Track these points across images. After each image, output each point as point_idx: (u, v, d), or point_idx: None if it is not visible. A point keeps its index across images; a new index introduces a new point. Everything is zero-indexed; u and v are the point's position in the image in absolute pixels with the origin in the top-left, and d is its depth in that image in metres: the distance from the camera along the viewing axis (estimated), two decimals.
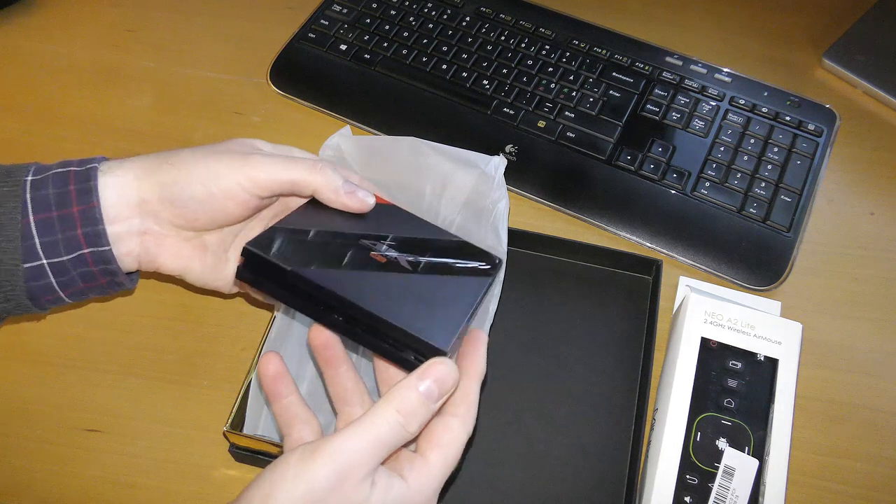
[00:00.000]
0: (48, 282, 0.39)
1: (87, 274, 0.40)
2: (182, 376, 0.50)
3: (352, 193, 0.41)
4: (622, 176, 0.57)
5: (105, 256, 0.39)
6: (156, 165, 0.40)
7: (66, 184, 0.38)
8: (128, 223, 0.40)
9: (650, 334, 0.49)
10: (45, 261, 0.38)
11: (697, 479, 0.42)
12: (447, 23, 0.65)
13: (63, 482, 0.46)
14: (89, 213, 0.38)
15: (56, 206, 0.38)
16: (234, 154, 0.40)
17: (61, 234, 0.38)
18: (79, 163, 0.39)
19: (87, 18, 0.69)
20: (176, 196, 0.39)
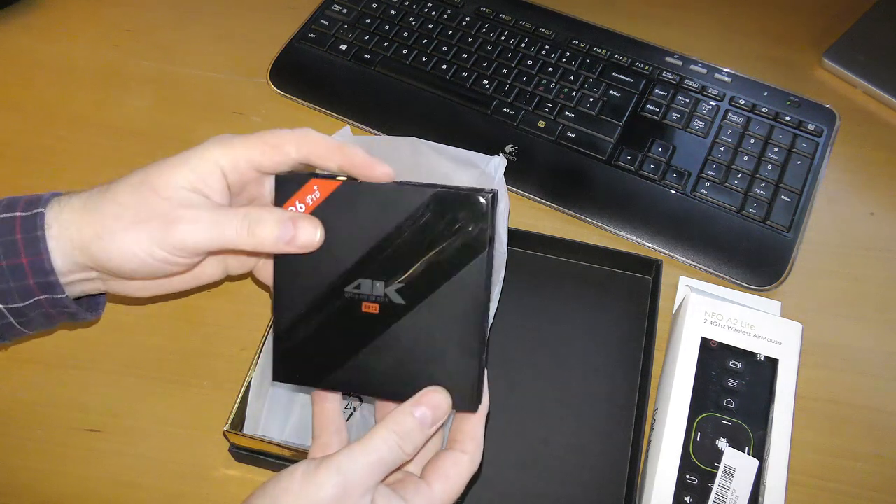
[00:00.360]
0: (8, 322, 0.39)
1: (46, 314, 0.39)
2: (182, 376, 0.50)
3: (292, 241, 0.37)
4: (622, 176, 0.57)
5: (61, 302, 0.38)
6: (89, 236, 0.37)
7: (12, 231, 0.37)
8: (82, 274, 0.39)
9: (650, 334, 0.49)
10: (2, 306, 0.38)
11: (697, 479, 0.42)
12: (447, 23, 0.65)
13: (63, 482, 0.46)
14: (38, 265, 0.37)
15: (4, 255, 0.37)
16: (160, 219, 0.36)
17: (13, 283, 0.37)
18: (25, 205, 0.38)
19: (87, 18, 0.69)
20: (114, 269, 0.38)
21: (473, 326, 0.37)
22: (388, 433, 0.35)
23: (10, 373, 0.50)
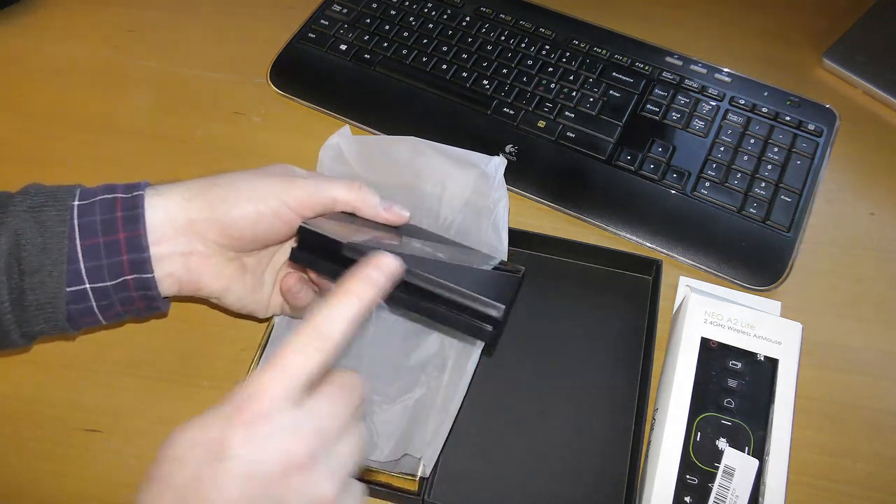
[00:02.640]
0: (89, 305, 0.40)
1: (126, 299, 0.41)
2: (182, 376, 0.50)
3: (389, 208, 0.44)
4: (622, 176, 0.57)
5: (147, 283, 0.40)
6: (203, 187, 0.41)
7: (112, 210, 0.39)
8: (173, 243, 0.40)
9: (650, 334, 0.49)
10: (88, 285, 0.39)
11: (697, 479, 0.42)
12: (447, 23, 0.65)
13: (63, 482, 0.46)
14: (135, 241, 0.39)
15: (102, 232, 0.39)
16: (278, 176, 0.42)
17: (106, 259, 0.39)
18: (125, 188, 0.40)
19: (87, 18, 0.69)
20: (225, 214, 0.40)
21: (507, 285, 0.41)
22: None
23: (10, 373, 0.50)
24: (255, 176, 0.42)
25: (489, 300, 0.36)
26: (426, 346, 0.48)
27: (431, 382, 0.47)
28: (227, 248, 0.42)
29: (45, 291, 0.38)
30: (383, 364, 0.48)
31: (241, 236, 0.41)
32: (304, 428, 0.31)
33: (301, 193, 0.41)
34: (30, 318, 0.39)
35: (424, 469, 0.41)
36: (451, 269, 0.40)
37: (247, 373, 0.46)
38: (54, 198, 0.39)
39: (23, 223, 0.38)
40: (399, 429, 0.46)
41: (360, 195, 0.43)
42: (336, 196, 0.42)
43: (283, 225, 0.42)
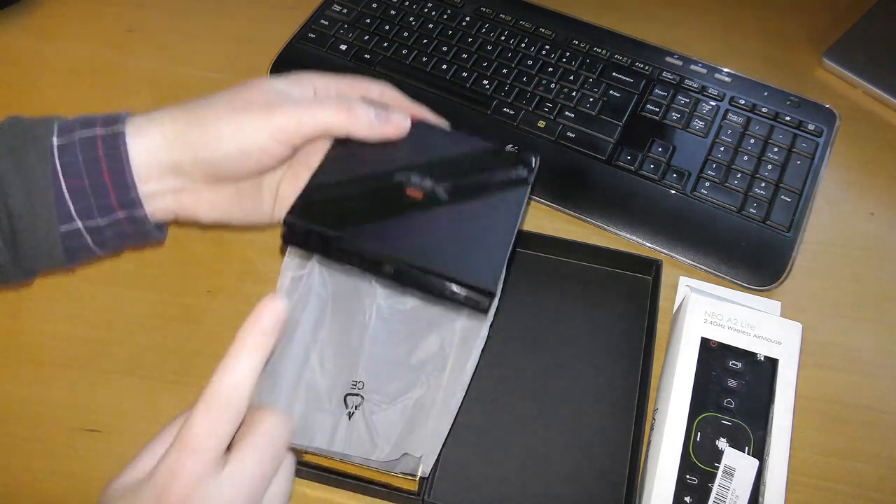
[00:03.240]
0: (84, 242, 0.39)
1: (121, 233, 0.40)
2: (182, 376, 0.50)
3: (386, 121, 0.41)
4: (622, 176, 0.57)
5: (139, 219, 0.39)
6: (185, 125, 0.39)
7: (94, 149, 0.38)
8: (161, 182, 0.39)
9: (650, 334, 0.49)
10: (80, 224, 0.38)
11: (697, 479, 0.42)
12: (447, 23, 0.65)
13: (63, 482, 0.46)
14: (121, 181, 0.38)
15: (87, 174, 0.38)
16: (262, 106, 0.39)
17: (94, 200, 0.38)
18: (103, 123, 0.39)
19: (86, 18, 0.69)
20: (208, 157, 0.39)
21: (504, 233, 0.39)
22: None
23: (10, 373, 0.50)
24: (236, 110, 0.39)
25: (476, 285, 0.36)
26: (426, 346, 0.48)
27: (431, 382, 0.47)
28: (217, 183, 0.41)
29: (38, 233, 0.38)
30: (383, 363, 0.48)
31: (228, 173, 0.40)
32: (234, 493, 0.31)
33: (285, 123, 0.39)
34: (26, 256, 0.38)
35: (424, 469, 0.41)
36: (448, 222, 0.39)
37: None
38: (33, 136, 0.38)
39: (3, 164, 0.37)
40: (399, 428, 0.46)
41: (351, 116, 0.39)
42: (325, 122, 0.39)
43: (272, 158, 0.40)
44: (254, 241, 0.56)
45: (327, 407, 0.47)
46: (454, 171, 0.42)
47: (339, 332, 0.49)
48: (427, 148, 0.42)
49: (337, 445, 0.46)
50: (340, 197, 0.39)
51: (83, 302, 0.53)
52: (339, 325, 0.50)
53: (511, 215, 0.40)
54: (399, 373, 0.48)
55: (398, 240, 0.38)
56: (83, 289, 0.53)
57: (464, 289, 0.37)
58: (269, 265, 0.54)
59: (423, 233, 0.39)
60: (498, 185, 0.42)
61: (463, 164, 0.42)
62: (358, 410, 0.47)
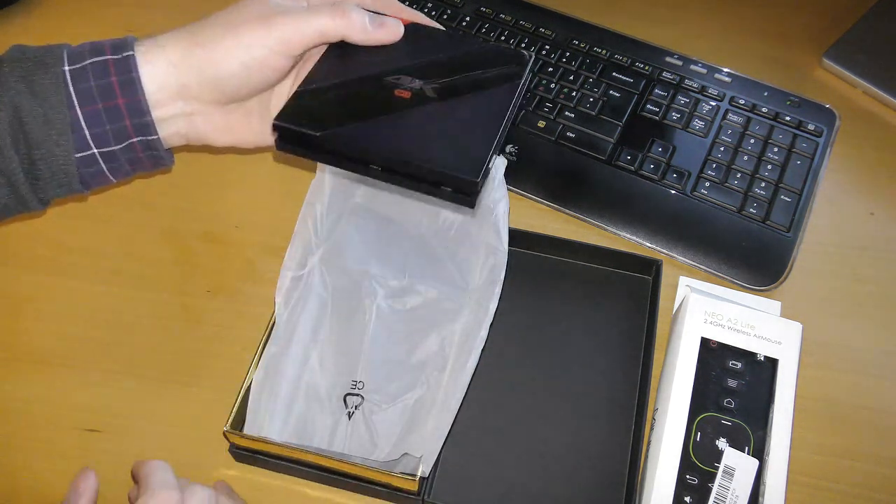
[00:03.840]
0: (99, 168, 0.40)
1: (134, 159, 0.41)
2: (182, 376, 0.50)
3: (380, 26, 0.42)
4: (622, 176, 0.57)
5: (153, 144, 0.41)
6: (187, 47, 0.40)
7: (106, 74, 0.39)
8: (172, 107, 0.40)
9: (650, 334, 0.49)
10: (95, 150, 0.39)
11: (697, 479, 0.42)
12: (447, 23, 0.65)
13: (63, 482, 0.46)
14: (135, 105, 0.39)
15: (101, 98, 0.39)
16: (259, 18, 0.40)
17: (109, 125, 0.39)
18: (112, 48, 0.39)
19: (87, 18, 0.69)
20: (213, 75, 0.40)
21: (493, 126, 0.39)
22: None
23: (10, 373, 0.50)
24: (236, 26, 0.40)
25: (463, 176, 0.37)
26: (426, 346, 0.48)
27: (431, 382, 0.47)
28: (225, 103, 0.42)
29: (55, 161, 0.38)
30: (383, 363, 0.48)
31: (234, 91, 0.41)
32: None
33: (284, 33, 0.40)
34: (44, 185, 0.39)
35: (424, 469, 0.41)
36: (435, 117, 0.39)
37: (246, 373, 0.46)
38: (42, 63, 0.38)
39: (18, 95, 0.38)
40: (399, 428, 0.46)
41: (346, 20, 0.41)
42: (321, 28, 0.40)
43: (274, 71, 0.41)
44: (254, 241, 0.56)
45: (327, 407, 0.47)
46: (445, 71, 0.42)
47: (339, 332, 0.49)
48: (419, 50, 0.43)
49: (337, 445, 0.46)
50: (330, 99, 0.40)
51: (83, 302, 0.53)
52: (339, 325, 0.50)
53: (502, 109, 0.40)
54: (399, 373, 0.48)
55: (385, 138, 0.38)
56: (83, 289, 0.53)
57: (449, 180, 0.37)
58: (269, 265, 0.54)
59: (410, 130, 0.39)
60: (489, 81, 0.42)
61: (454, 64, 0.42)
62: (358, 410, 0.47)
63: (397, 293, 0.51)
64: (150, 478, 0.38)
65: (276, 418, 0.46)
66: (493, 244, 0.46)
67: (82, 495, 0.40)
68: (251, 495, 0.45)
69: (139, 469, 0.40)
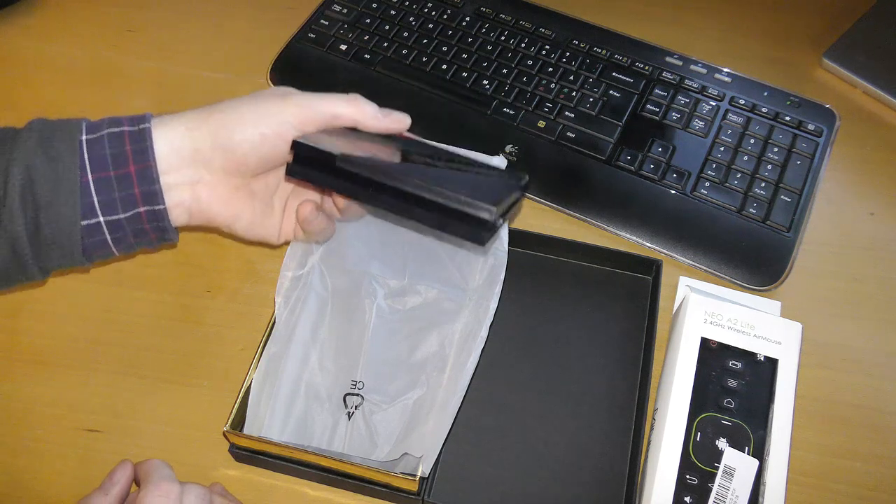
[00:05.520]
0: (103, 238, 0.40)
1: (139, 230, 0.41)
2: (182, 376, 0.50)
3: (389, 115, 0.44)
4: (622, 176, 0.57)
5: (159, 214, 0.41)
6: (205, 115, 0.42)
7: (121, 144, 0.40)
8: (180, 174, 0.41)
9: (650, 334, 0.49)
10: (102, 218, 0.40)
11: (697, 479, 0.42)
12: (447, 23, 0.65)
13: (63, 482, 0.46)
14: (146, 173, 0.40)
15: (113, 165, 0.39)
16: (276, 97, 0.42)
17: (118, 192, 0.40)
18: (130, 121, 0.41)
19: (87, 18, 0.69)
20: (228, 139, 0.41)
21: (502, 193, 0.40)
22: None
23: (11, 373, 0.50)
24: (255, 99, 0.42)
25: (481, 203, 0.36)
26: (426, 346, 0.48)
27: (431, 382, 0.47)
28: (233, 174, 0.42)
29: (60, 225, 0.39)
30: (383, 363, 0.48)
31: (245, 160, 0.42)
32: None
33: (300, 110, 0.42)
34: (46, 251, 0.40)
35: (424, 469, 0.41)
36: (447, 174, 0.40)
37: (247, 373, 0.46)
38: (62, 131, 0.40)
39: (34, 157, 0.38)
40: (399, 428, 0.46)
41: (359, 107, 0.43)
42: (336, 110, 0.42)
43: (286, 144, 0.42)
44: None
45: (327, 407, 0.47)
46: (451, 159, 0.44)
47: (339, 332, 0.49)
48: (425, 145, 0.46)
49: (337, 445, 0.46)
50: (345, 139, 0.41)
51: (83, 302, 0.53)
52: (339, 325, 0.50)
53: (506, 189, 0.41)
54: (399, 373, 0.48)
55: (402, 169, 0.39)
56: (83, 289, 0.53)
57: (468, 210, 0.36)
58: (269, 265, 0.54)
59: (426, 170, 0.40)
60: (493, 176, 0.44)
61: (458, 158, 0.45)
62: (358, 410, 0.47)
63: (397, 293, 0.51)
64: (151, 473, 0.39)
65: (276, 418, 0.46)
66: (493, 244, 0.46)
67: (116, 483, 0.41)
68: (251, 495, 0.45)
69: (140, 468, 0.41)
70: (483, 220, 0.36)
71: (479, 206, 0.36)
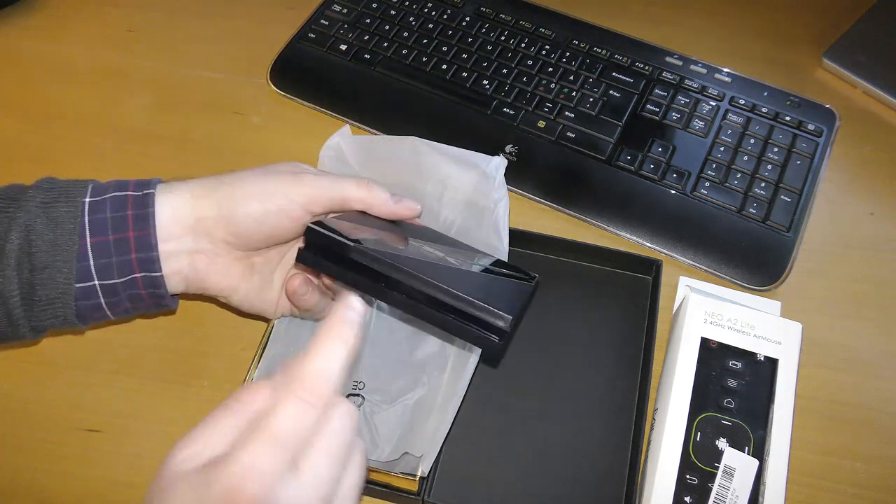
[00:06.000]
0: (98, 302, 0.40)
1: (135, 296, 0.41)
2: (182, 376, 0.50)
3: (400, 202, 0.44)
4: (622, 176, 0.57)
5: (156, 281, 0.40)
6: (212, 185, 0.41)
7: (123, 208, 0.39)
8: (180, 241, 0.41)
9: (650, 334, 0.49)
10: (97, 282, 0.39)
11: (697, 479, 0.42)
12: (447, 23, 0.65)
13: (63, 482, 0.46)
14: (144, 240, 0.39)
15: (112, 230, 0.39)
16: (287, 173, 0.42)
17: (116, 257, 0.39)
18: (136, 186, 0.40)
19: (87, 18, 0.69)
20: (232, 212, 0.40)
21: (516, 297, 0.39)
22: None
23: (11, 373, 0.50)
24: (264, 173, 0.42)
25: (497, 310, 0.35)
26: (427, 346, 0.48)
27: (432, 382, 0.47)
28: (234, 247, 0.42)
29: (55, 287, 0.39)
30: (384, 363, 0.48)
31: (248, 234, 0.41)
32: (307, 497, 0.28)
33: (309, 191, 0.41)
34: (39, 312, 0.39)
35: (424, 469, 0.41)
36: (461, 274, 0.39)
37: (247, 373, 0.46)
38: (66, 194, 0.39)
39: (34, 219, 0.38)
40: (399, 428, 0.46)
41: (370, 192, 0.42)
42: (346, 194, 0.42)
43: (291, 223, 0.41)
44: None
45: None
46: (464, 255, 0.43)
47: None
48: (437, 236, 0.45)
49: None
50: (358, 227, 0.40)
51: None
52: None
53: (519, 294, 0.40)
54: (399, 373, 0.48)
55: (416, 265, 0.37)
56: None
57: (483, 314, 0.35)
58: None
59: (439, 268, 0.38)
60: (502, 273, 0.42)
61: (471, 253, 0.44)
62: (360, 409, 0.47)
63: None
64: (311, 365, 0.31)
65: None
66: (493, 244, 0.46)
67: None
68: None
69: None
70: (499, 328, 0.35)
71: (495, 313, 0.35)
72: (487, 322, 0.36)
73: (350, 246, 0.37)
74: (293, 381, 0.29)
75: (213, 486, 0.27)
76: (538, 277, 0.43)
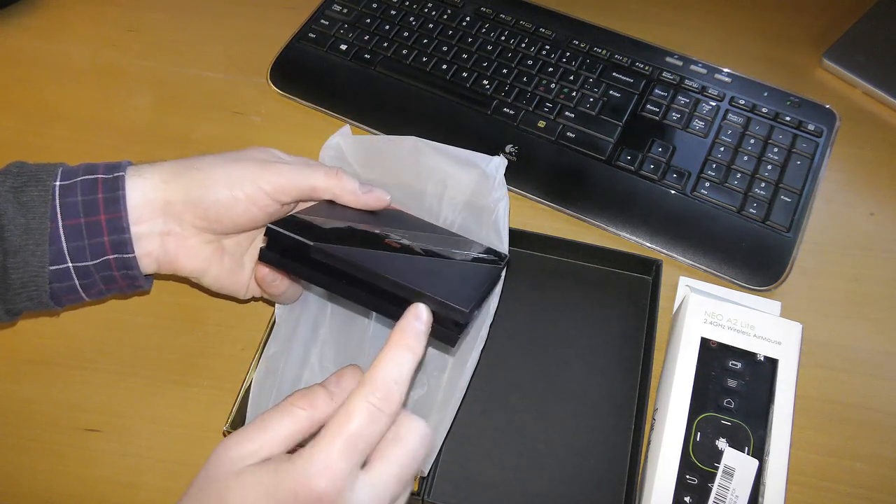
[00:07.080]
0: (72, 283, 0.40)
1: (108, 277, 0.41)
2: (182, 376, 0.50)
3: (369, 192, 0.44)
4: (622, 176, 0.57)
5: (128, 262, 0.41)
6: (182, 169, 0.41)
7: (94, 191, 0.40)
8: (150, 224, 0.41)
9: (650, 334, 0.49)
10: (70, 264, 0.40)
11: (697, 479, 0.42)
12: (447, 23, 0.65)
13: (63, 482, 0.46)
14: (116, 222, 0.40)
15: (84, 213, 0.39)
16: (257, 161, 0.42)
17: (88, 239, 0.39)
18: (105, 169, 0.41)
19: (87, 18, 0.69)
20: (200, 199, 0.40)
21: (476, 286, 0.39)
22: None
23: (10, 373, 0.50)
24: (234, 160, 0.42)
25: (453, 304, 0.35)
26: None
27: (431, 382, 0.47)
28: (204, 230, 0.42)
29: (28, 270, 0.39)
30: None
31: (216, 219, 0.41)
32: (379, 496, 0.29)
33: (278, 179, 0.41)
34: (14, 295, 0.40)
35: (424, 469, 0.41)
36: (424, 267, 0.39)
37: (246, 373, 0.46)
38: (36, 178, 0.39)
39: (5, 203, 0.38)
40: None
41: (339, 181, 0.43)
42: (314, 184, 0.42)
43: (260, 210, 0.41)
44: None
45: None
46: (430, 239, 0.43)
47: (339, 332, 0.49)
48: (405, 224, 0.45)
49: None
50: (322, 227, 0.40)
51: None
52: (340, 324, 0.50)
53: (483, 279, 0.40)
54: None
55: (377, 261, 0.37)
56: None
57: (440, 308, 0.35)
58: None
59: (401, 262, 0.39)
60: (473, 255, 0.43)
61: (440, 240, 0.44)
62: None
63: None
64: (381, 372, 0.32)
65: None
66: (494, 244, 0.46)
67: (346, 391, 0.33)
68: None
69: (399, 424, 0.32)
70: (457, 322, 0.36)
71: (452, 307, 0.35)
72: (444, 317, 0.36)
73: (309, 246, 0.37)
74: (363, 387, 0.30)
75: (282, 482, 0.28)
76: (508, 258, 0.44)
